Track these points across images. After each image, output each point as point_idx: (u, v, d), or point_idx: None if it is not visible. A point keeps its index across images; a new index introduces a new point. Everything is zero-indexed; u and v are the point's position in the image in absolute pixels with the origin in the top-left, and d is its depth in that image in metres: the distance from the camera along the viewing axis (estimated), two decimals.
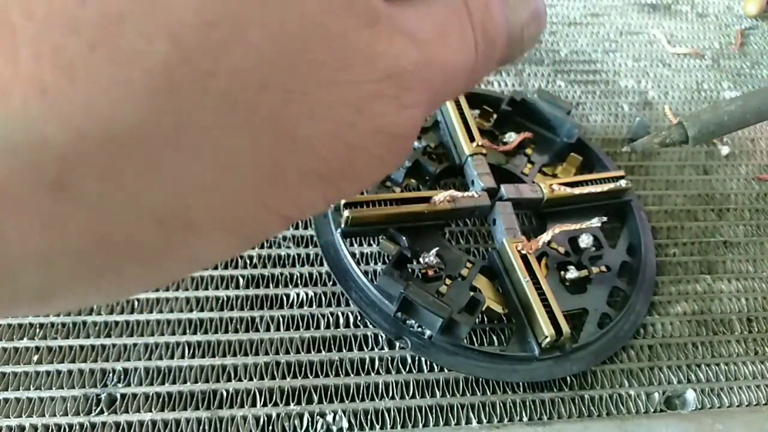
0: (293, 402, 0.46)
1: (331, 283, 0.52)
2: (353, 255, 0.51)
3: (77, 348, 0.47)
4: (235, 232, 0.20)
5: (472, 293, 0.47)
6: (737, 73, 0.77)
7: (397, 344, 0.48)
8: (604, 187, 0.55)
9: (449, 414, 0.46)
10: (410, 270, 0.48)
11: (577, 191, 0.55)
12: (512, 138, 0.60)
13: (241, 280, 0.52)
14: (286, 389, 0.46)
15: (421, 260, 0.48)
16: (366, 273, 0.50)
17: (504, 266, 0.50)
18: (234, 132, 0.17)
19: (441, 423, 0.46)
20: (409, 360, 0.48)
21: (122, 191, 0.16)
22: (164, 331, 0.49)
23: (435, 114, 0.61)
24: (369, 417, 0.45)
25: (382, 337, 0.49)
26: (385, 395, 0.46)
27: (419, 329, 0.47)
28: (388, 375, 0.47)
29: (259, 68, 0.17)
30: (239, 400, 0.45)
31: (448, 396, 0.47)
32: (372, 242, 0.55)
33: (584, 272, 0.52)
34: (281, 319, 0.50)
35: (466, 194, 0.52)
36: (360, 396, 0.46)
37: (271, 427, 0.44)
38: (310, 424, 0.45)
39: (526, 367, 0.47)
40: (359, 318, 0.50)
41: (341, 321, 0.50)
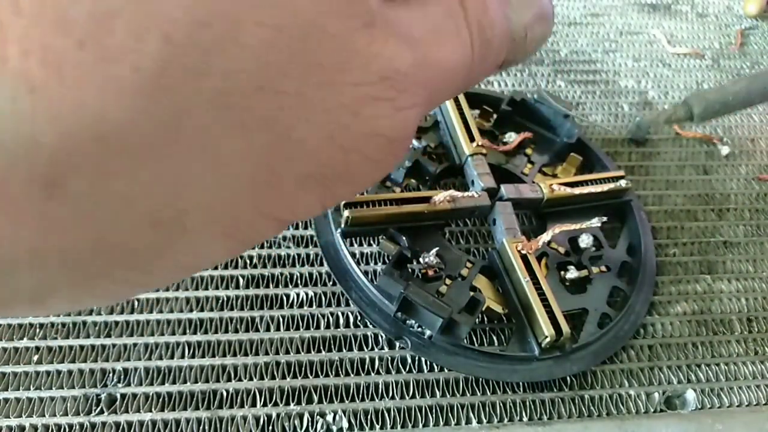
0: (293, 402, 0.46)
1: (331, 283, 0.52)
2: (353, 255, 0.51)
3: (77, 348, 0.47)
4: (231, 237, 0.19)
5: (472, 293, 0.47)
6: (737, 73, 0.77)
7: (397, 344, 0.48)
8: (604, 187, 0.55)
9: (449, 414, 0.46)
10: (410, 270, 0.48)
11: (577, 191, 0.55)
12: (512, 138, 0.60)
13: (241, 280, 0.52)
14: (286, 389, 0.46)
15: (421, 260, 0.48)
16: (366, 273, 0.50)
17: (504, 266, 0.50)
18: (229, 133, 0.17)
19: (441, 423, 0.46)
20: (409, 360, 0.48)
21: (115, 191, 0.16)
22: (164, 331, 0.49)
23: (435, 114, 0.61)
24: (369, 417, 0.45)
25: (382, 337, 0.49)
26: (385, 395, 0.46)
27: (419, 329, 0.47)
28: (388, 375, 0.47)
29: (254, 69, 0.17)
30: (239, 400, 0.45)
31: (448, 396, 0.47)
32: (372, 242, 0.55)
33: (584, 272, 0.52)
34: (281, 319, 0.50)
35: (466, 194, 0.52)
36: (360, 396, 0.46)
37: (271, 427, 0.44)
38: (310, 424, 0.45)
39: (526, 367, 0.47)
40: (359, 318, 0.50)
41: (341, 321, 0.50)
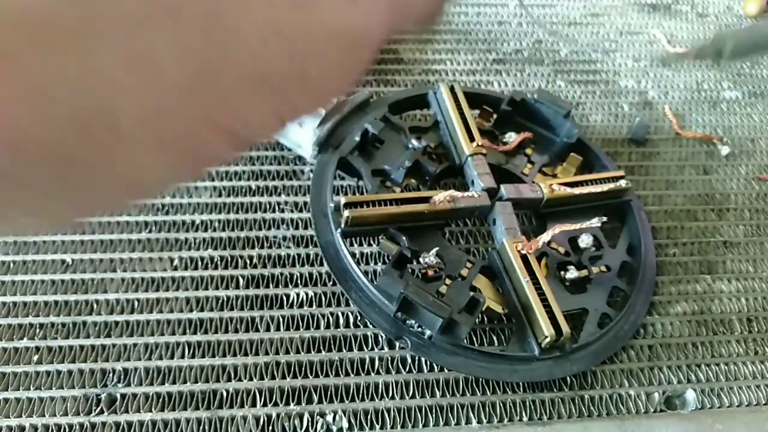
0: (293, 402, 0.46)
1: (331, 283, 0.52)
2: (353, 255, 0.51)
3: (77, 348, 0.47)
4: (174, 148, 0.18)
5: (472, 293, 0.47)
6: (737, 73, 0.77)
7: (397, 344, 0.48)
8: (604, 187, 0.55)
9: (449, 414, 0.46)
10: (410, 270, 0.48)
11: (577, 191, 0.55)
12: (512, 138, 0.60)
13: (241, 280, 0.52)
14: (286, 389, 0.46)
15: (421, 260, 0.48)
16: (366, 273, 0.50)
17: (504, 266, 0.50)
18: (155, 22, 0.16)
19: (441, 423, 0.46)
20: (409, 360, 0.48)
21: (32, 81, 0.15)
22: (164, 331, 0.49)
23: (435, 114, 0.61)
24: (369, 417, 0.45)
25: (382, 337, 0.49)
26: (385, 395, 0.46)
27: (419, 329, 0.47)
28: (388, 375, 0.47)
29: None
30: (239, 400, 0.45)
31: (448, 396, 0.47)
32: (372, 242, 0.55)
33: (584, 272, 0.52)
34: (281, 319, 0.50)
35: (466, 194, 0.52)
36: (360, 396, 0.46)
37: (271, 427, 0.44)
38: (310, 424, 0.45)
39: (526, 367, 0.47)
40: (359, 318, 0.50)
41: (341, 321, 0.50)
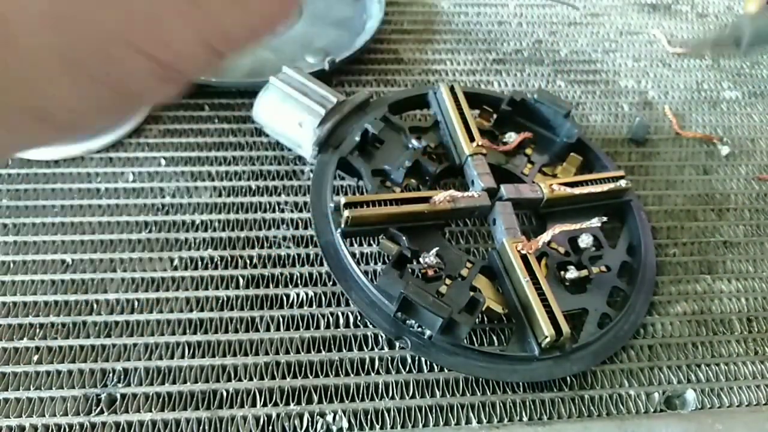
0: (293, 402, 0.46)
1: (331, 283, 0.52)
2: (353, 255, 0.51)
3: (77, 348, 0.47)
4: (84, 72, 0.16)
5: (472, 293, 0.47)
6: (737, 73, 0.77)
7: (397, 344, 0.48)
8: (604, 187, 0.55)
9: (449, 414, 0.46)
10: (410, 270, 0.48)
11: (577, 191, 0.55)
12: (512, 138, 0.60)
13: (241, 280, 0.52)
14: (286, 389, 0.46)
15: (421, 260, 0.48)
16: (366, 273, 0.50)
17: (504, 266, 0.50)
18: None
19: (441, 423, 0.46)
20: (409, 360, 0.48)
21: None
22: (164, 331, 0.49)
23: (435, 114, 0.61)
24: (369, 417, 0.45)
25: (382, 337, 0.49)
26: (385, 395, 0.46)
27: (419, 329, 0.47)
28: (388, 375, 0.47)
29: None
30: (239, 400, 0.45)
31: (448, 396, 0.47)
32: (372, 242, 0.55)
33: (584, 272, 0.52)
34: (281, 319, 0.50)
35: (466, 194, 0.52)
36: (360, 396, 0.46)
37: (271, 427, 0.44)
38: (310, 424, 0.45)
39: (526, 367, 0.47)
40: (359, 318, 0.50)
41: (341, 321, 0.50)
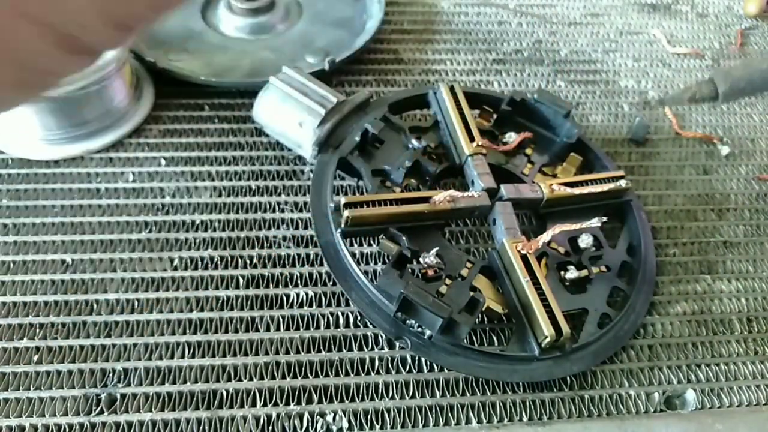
0: (293, 402, 0.46)
1: (331, 283, 0.52)
2: (353, 255, 0.51)
3: (77, 348, 0.47)
4: None
5: (472, 293, 0.47)
6: None
7: (397, 344, 0.48)
8: (604, 187, 0.55)
9: (449, 414, 0.46)
10: (410, 270, 0.48)
11: (577, 191, 0.55)
12: (512, 138, 0.60)
13: (241, 280, 0.52)
14: (286, 389, 0.46)
15: (421, 260, 0.48)
16: (366, 273, 0.50)
17: (504, 266, 0.50)
18: None
19: (441, 423, 0.46)
20: (409, 360, 0.48)
21: None
22: (164, 331, 0.49)
23: (435, 114, 0.61)
24: (369, 417, 0.45)
25: (382, 337, 0.49)
26: (385, 395, 0.46)
27: (419, 329, 0.47)
28: (388, 375, 0.47)
29: None
30: (239, 400, 0.45)
31: (448, 396, 0.47)
32: (372, 242, 0.55)
33: (584, 272, 0.52)
34: (281, 319, 0.50)
35: (466, 194, 0.52)
36: (360, 396, 0.46)
37: (271, 427, 0.44)
38: (310, 424, 0.45)
39: (526, 367, 0.47)
40: (359, 318, 0.50)
41: (341, 321, 0.50)
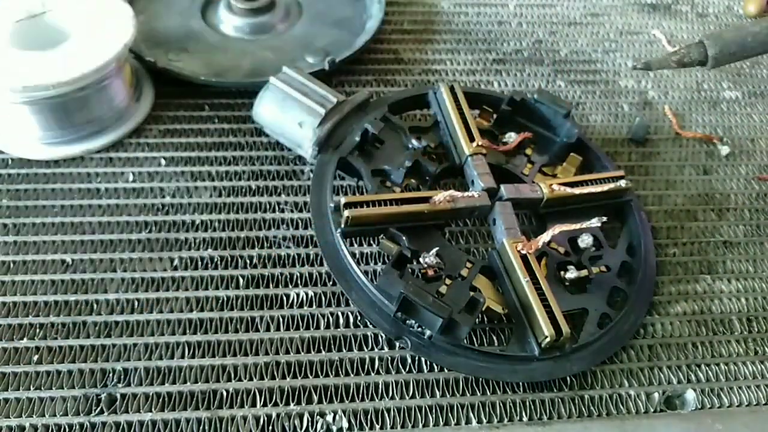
0: (293, 402, 0.46)
1: (331, 283, 0.52)
2: (353, 255, 0.51)
3: (77, 348, 0.47)
4: None
5: (472, 293, 0.47)
6: (737, 73, 0.77)
7: (397, 344, 0.48)
8: (604, 187, 0.55)
9: (449, 414, 0.46)
10: (410, 270, 0.48)
11: (577, 191, 0.55)
12: (512, 138, 0.60)
13: (241, 280, 0.52)
14: (286, 389, 0.46)
15: (421, 260, 0.48)
16: (366, 273, 0.50)
17: (504, 266, 0.50)
18: None
19: (441, 423, 0.46)
20: (409, 360, 0.48)
21: None
22: (164, 331, 0.49)
23: (435, 114, 0.61)
24: (369, 417, 0.45)
25: (382, 337, 0.49)
26: (385, 395, 0.46)
27: (419, 329, 0.47)
28: (388, 375, 0.47)
29: None
30: (239, 400, 0.45)
31: (448, 396, 0.47)
32: (372, 242, 0.55)
33: (584, 272, 0.52)
34: (281, 319, 0.50)
35: (466, 194, 0.52)
36: (360, 396, 0.46)
37: (271, 427, 0.44)
38: (310, 424, 0.45)
39: (526, 367, 0.47)
40: (359, 318, 0.50)
41: (341, 321, 0.50)
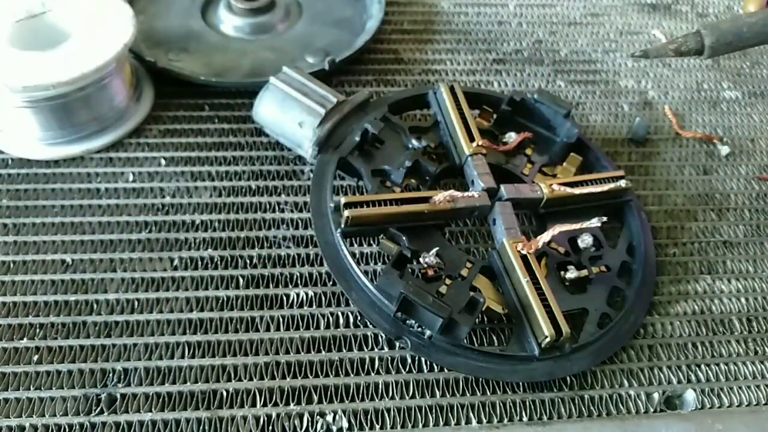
0: (293, 402, 0.46)
1: (331, 283, 0.52)
2: (353, 255, 0.51)
3: (77, 348, 0.47)
4: None
5: (472, 293, 0.47)
6: (737, 73, 0.77)
7: (397, 344, 0.48)
8: (604, 187, 0.55)
9: (449, 414, 0.46)
10: (410, 270, 0.48)
11: (577, 191, 0.55)
12: (512, 138, 0.60)
13: (241, 280, 0.52)
14: (286, 389, 0.46)
15: (421, 260, 0.48)
16: (366, 273, 0.50)
17: (504, 266, 0.50)
18: None
19: (441, 423, 0.46)
20: (409, 360, 0.48)
21: None
22: (164, 331, 0.49)
23: (435, 114, 0.61)
24: (369, 417, 0.45)
25: (382, 337, 0.49)
26: (385, 395, 0.46)
27: (419, 329, 0.47)
28: (388, 375, 0.47)
29: None
30: (239, 400, 0.45)
31: (448, 396, 0.47)
32: (372, 242, 0.55)
33: (584, 272, 0.52)
34: (281, 319, 0.50)
35: (466, 194, 0.52)
36: (360, 396, 0.46)
37: (271, 427, 0.44)
38: (310, 424, 0.45)
39: (526, 367, 0.47)
40: (359, 318, 0.50)
41: (341, 321, 0.50)
